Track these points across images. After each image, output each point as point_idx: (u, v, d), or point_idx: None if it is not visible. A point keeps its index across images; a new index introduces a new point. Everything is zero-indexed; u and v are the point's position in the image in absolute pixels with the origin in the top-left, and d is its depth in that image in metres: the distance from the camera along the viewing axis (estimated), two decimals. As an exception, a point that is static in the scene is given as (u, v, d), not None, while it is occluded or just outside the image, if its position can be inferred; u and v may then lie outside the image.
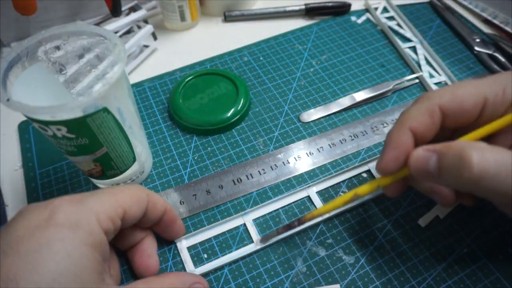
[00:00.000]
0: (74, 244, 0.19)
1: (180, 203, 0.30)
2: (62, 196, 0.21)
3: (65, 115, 0.22)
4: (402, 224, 0.29)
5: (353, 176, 0.31)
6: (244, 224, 0.29)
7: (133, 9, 0.45)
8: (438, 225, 0.29)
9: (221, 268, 0.27)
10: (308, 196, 0.30)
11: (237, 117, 0.35)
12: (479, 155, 0.19)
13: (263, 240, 0.28)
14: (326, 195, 0.31)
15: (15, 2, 0.34)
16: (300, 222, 0.26)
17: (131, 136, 0.27)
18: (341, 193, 0.30)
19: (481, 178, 0.19)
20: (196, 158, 0.33)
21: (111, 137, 0.25)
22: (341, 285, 0.26)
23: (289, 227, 0.26)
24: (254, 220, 0.29)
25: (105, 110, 0.23)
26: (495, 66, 0.40)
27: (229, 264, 0.27)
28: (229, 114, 0.35)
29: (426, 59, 0.41)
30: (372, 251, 0.28)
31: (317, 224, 0.29)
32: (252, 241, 0.28)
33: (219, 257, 0.27)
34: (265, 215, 0.30)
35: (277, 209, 0.30)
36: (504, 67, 0.40)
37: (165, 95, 0.39)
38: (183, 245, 0.28)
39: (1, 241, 0.18)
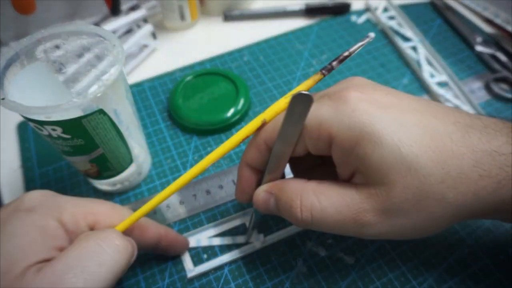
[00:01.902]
0: (23, 223, 0.19)
1: (180, 203, 0.30)
2: (42, 190, 0.22)
3: (60, 116, 0.21)
4: (403, 225, 0.29)
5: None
6: (244, 224, 0.29)
7: (133, 8, 0.45)
8: (439, 226, 0.28)
9: (221, 268, 0.27)
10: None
11: (237, 117, 0.35)
12: (305, 204, 0.20)
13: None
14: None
15: (14, 1, 0.34)
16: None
17: (128, 137, 0.27)
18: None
19: (309, 224, 0.21)
20: (196, 158, 0.33)
21: (107, 138, 0.25)
22: (341, 285, 0.26)
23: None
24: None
25: (101, 111, 0.23)
26: (496, 66, 0.40)
27: (229, 264, 0.27)
28: (229, 114, 0.35)
29: (426, 58, 0.41)
30: (372, 251, 0.27)
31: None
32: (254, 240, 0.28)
33: (218, 257, 0.27)
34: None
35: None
36: (505, 67, 0.40)
37: (164, 95, 0.38)
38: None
39: None
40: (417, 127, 0.19)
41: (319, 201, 0.20)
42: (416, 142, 0.18)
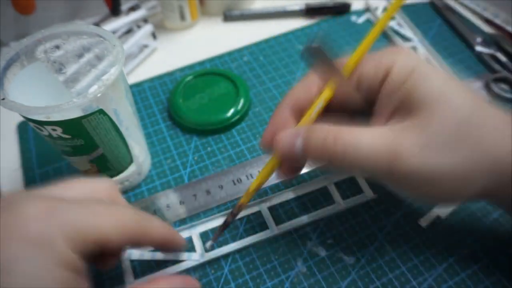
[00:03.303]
0: (41, 265, 0.17)
1: (180, 203, 0.30)
2: (40, 196, 0.19)
3: (60, 116, 0.21)
4: (403, 225, 0.29)
5: (352, 177, 0.31)
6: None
7: (133, 8, 0.45)
8: (439, 225, 0.28)
9: (221, 268, 0.27)
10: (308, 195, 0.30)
11: (237, 117, 0.35)
12: (339, 138, 0.20)
13: (209, 246, 0.27)
14: (326, 194, 0.30)
15: (14, 1, 0.34)
16: (234, 214, 0.26)
17: (128, 137, 0.27)
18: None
19: (340, 159, 0.20)
20: (196, 158, 0.33)
21: (107, 138, 0.25)
22: (341, 285, 0.26)
23: (225, 224, 0.26)
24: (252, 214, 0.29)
25: (101, 111, 0.23)
26: (496, 66, 0.40)
27: (229, 263, 0.27)
28: (229, 114, 0.35)
29: (426, 59, 0.41)
30: (372, 251, 0.27)
31: (317, 224, 0.29)
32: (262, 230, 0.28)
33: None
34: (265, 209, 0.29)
35: (275, 205, 0.30)
36: (505, 67, 0.40)
37: (165, 95, 0.38)
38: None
39: None
40: (462, 86, 0.21)
41: (353, 136, 0.20)
42: (461, 90, 0.20)
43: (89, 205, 0.19)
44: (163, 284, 0.21)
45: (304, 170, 0.31)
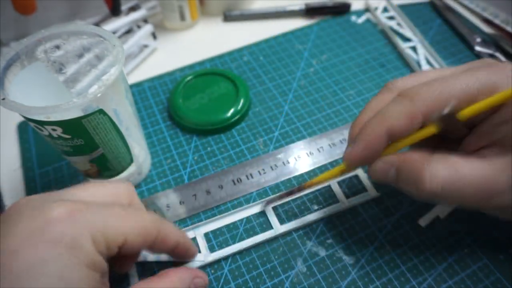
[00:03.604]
0: (68, 265, 0.17)
1: (180, 203, 0.30)
2: (61, 199, 0.19)
3: (60, 116, 0.21)
4: (403, 224, 0.29)
5: (353, 176, 0.31)
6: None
7: (133, 8, 0.45)
8: (438, 225, 0.28)
9: (221, 268, 0.27)
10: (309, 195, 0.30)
11: (237, 117, 0.35)
12: (434, 173, 0.20)
13: (267, 203, 0.29)
14: (326, 195, 0.30)
15: (15, 1, 0.34)
16: (300, 189, 0.28)
17: (128, 137, 0.27)
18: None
19: (435, 195, 0.20)
20: (196, 158, 0.33)
21: (107, 138, 0.25)
22: (341, 285, 0.26)
23: (291, 193, 0.28)
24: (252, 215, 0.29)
25: (101, 111, 0.23)
26: (496, 66, 0.40)
27: (229, 264, 0.27)
28: (229, 114, 0.35)
29: (426, 58, 0.41)
30: (372, 251, 0.27)
31: (317, 224, 0.29)
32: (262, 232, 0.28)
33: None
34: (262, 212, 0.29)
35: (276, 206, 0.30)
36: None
37: (165, 95, 0.38)
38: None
39: None
40: None
41: (449, 172, 0.20)
42: None
43: (113, 208, 0.20)
44: (173, 277, 0.22)
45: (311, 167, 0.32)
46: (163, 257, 0.27)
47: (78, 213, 0.18)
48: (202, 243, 0.28)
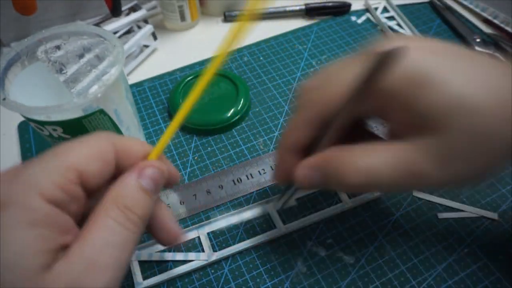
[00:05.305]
0: (3, 225, 0.16)
1: (180, 203, 0.30)
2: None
3: (60, 116, 0.21)
4: (402, 224, 0.29)
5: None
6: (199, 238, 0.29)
7: (133, 9, 0.45)
8: (438, 225, 0.29)
9: (221, 268, 0.27)
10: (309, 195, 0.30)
11: (237, 117, 0.35)
12: (356, 167, 0.19)
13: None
14: (326, 194, 0.30)
15: (15, 2, 0.34)
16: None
17: (130, 137, 0.27)
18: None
19: (362, 187, 0.20)
20: (196, 158, 0.33)
21: (108, 138, 0.25)
22: (341, 285, 0.26)
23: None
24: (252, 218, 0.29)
25: (101, 111, 0.23)
26: (496, 66, 0.40)
27: (229, 263, 0.27)
28: (229, 114, 0.35)
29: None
30: (372, 251, 0.28)
31: (317, 224, 0.29)
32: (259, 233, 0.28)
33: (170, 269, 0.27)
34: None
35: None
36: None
37: (165, 95, 0.39)
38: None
39: None
40: (470, 69, 0.18)
41: (371, 161, 0.19)
42: (470, 81, 0.18)
43: (52, 152, 0.18)
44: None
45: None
46: (167, 255, 0.27)
47: (13, 174, 0.17)
48: (205, 243, 0.28)
